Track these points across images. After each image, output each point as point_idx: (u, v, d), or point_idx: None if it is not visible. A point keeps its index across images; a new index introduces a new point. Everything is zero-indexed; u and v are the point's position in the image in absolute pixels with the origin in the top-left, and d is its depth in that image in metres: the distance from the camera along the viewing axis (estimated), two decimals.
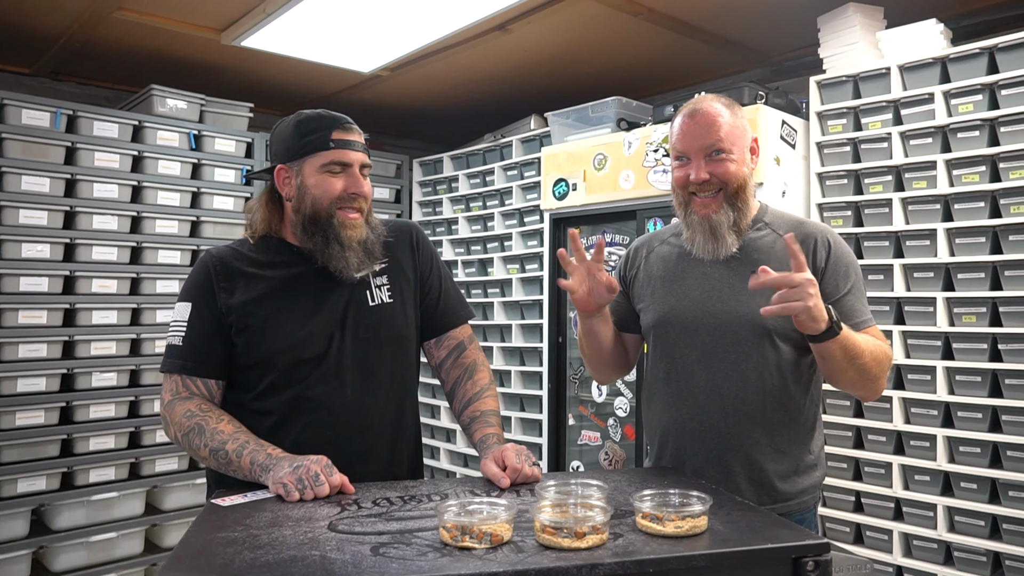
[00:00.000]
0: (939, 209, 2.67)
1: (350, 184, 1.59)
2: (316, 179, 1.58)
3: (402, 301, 1.69)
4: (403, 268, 1.72)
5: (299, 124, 1.60)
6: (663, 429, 1.75)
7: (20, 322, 3.14)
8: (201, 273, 1.61)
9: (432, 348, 1.79)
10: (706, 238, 1.66)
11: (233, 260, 1.62)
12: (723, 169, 1.63)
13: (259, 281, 1.60)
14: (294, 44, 3.44)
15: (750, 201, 1.69)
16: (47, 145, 3.25)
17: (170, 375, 1.58)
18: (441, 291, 1.77)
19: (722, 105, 1.66)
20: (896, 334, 2.71)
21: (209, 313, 1.58)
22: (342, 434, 1.58)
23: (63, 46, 3.55)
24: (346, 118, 1.63)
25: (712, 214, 1.64)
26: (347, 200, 1.59)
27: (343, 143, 1.58)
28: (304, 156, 1.58)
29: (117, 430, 3.38)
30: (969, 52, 2.61)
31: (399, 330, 1.68)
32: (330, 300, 1.62)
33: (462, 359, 1.76)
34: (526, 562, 1.01)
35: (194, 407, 1.53)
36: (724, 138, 1.63)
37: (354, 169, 1.60)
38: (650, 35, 3.42)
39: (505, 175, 4.19)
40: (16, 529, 3.08)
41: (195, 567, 1.01)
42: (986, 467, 2.50)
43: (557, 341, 3.69)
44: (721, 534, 1.14)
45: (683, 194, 1.69)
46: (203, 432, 1.49)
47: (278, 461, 1.41)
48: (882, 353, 1.58)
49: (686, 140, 1.66)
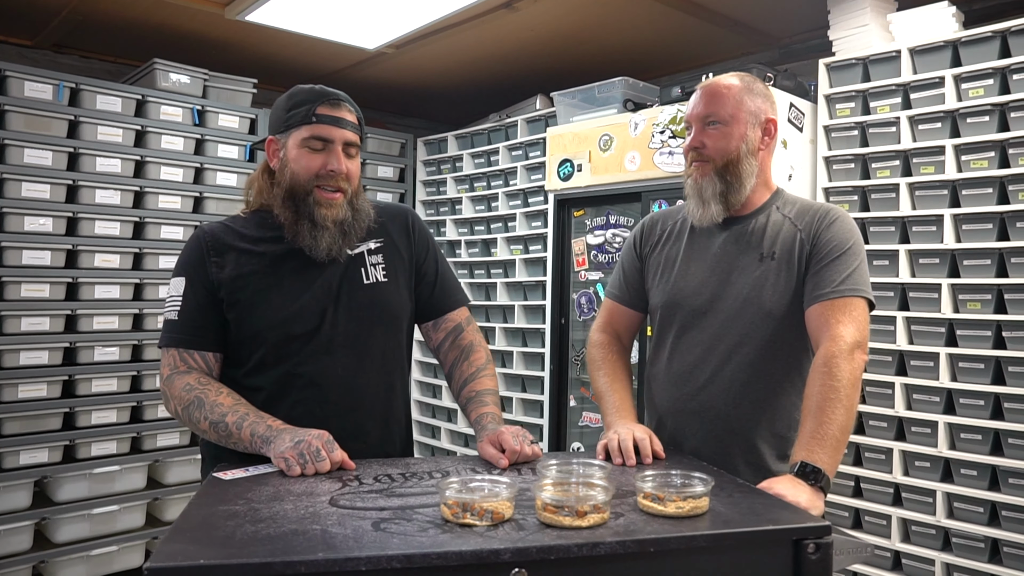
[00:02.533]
0: (946, 195, 2.65)
1: (329, 161, 1.55)
2: (296, 153, 1.56)
3: (396, 280, 1.68)
4: (398, 249, 1.70)
5: (290, 96, 1.59)
6: (662, 409, 1.74)
7: (23, 295, 3.14)
8: (193, 248, 1.61)
9: (430, 330, 1.78)
10: (696, 203, 1.69)
11: (224, 235, 1.61)
12: (716, 139, 1.65)
13: (250, 256, 1.59)
14: (299, 19, 3.41)
15: (744, 179, 1.66)
16: (49, 118, 3.23)
17: (167, 350, 1.58)
18: (437, 275, 1.76)
19: (737, 79, 1.67)
20: (900, 319, 2.70)
21: (202, 287, 1.57)
22: (332, 411, 1.58)
23: (66, 18, 3.52)
24: (338, 93, 1.59)
25: (700, 177, 1.67)
26: (325, 178, 1.55)
27: (327, 118, 1.55)
28: (289, 129, 1.57)
29: (119, 404, 3.39)
30: (981, 35, 2.58)
31: (392, 309, 1.67)
32: (323, 276, 1.60)
33: (459, 340, 1.75)
34: (527, 540, 1.01)
35: (193, 380, 1.53)
36: (721, 109, 1.64)
37: (335, 146, 1.56)
38: (658, 15, 3.38)
39: (510, 155, 4.17)
40: (19, 500, 3.10)
41: (196, 539, 1.01)
42: (987, 454, 2.50)
43: (559, 322, 3.68)
44: (722, 515, 1.14)
45: (687, 163, 1.72)
46: (203, 405, 1.49)
47: (279, 433, 1.40)
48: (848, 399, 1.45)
49: (691, 109, 1.70)
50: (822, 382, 1.47)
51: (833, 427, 1.42)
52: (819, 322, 1.55)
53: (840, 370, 1.46)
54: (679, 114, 3.11)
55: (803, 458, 1.40)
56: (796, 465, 1.39)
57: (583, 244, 3.62)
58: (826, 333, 1.52)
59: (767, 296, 1.62)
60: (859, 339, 1.51)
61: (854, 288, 1.55)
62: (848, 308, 1.53)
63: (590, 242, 3.59)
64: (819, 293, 1.56)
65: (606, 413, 1.71)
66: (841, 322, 1.52)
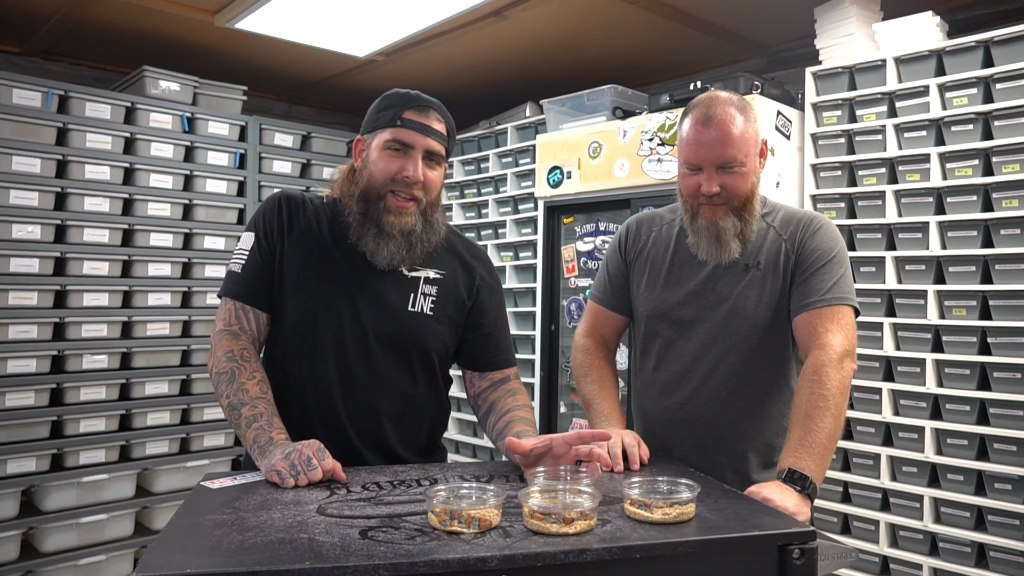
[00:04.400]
0: (932, 202, 2.67)
1: (406, 167, 1.51)
2: (377, 155, 1.53)
3: (441, 318, 1.62)
4: (458, 289, 1.64)
5: (383, 98, 1.57)
6: (650, 417, 1.75)
7: (10, 303, 3.13)
8: (270, 208, 1.58)
9: (474, 378, 1.72)
10: (711, 243, 1.64)
11: (301, 204, 1.59)
12: (733, 182, 1.59)
13: (311, 238, 1.56)
14: (289, 27, 3.41)
15: (756, 210, 1.65)
16: (38, 125, 3.22)
17: (226, 300, 1.56)
18: (495, 328, 1.71)
19: (736, 109, 1.59)
20: (887, 326, 2.72)
21: (267, 246, 1.56)
22: (337, 421, 1.55)
23: (55, 25, 3.52)
24: (429, 101, 1.56)
25: (719, 220, 1.62)
26: (400, 184, 1.51)
27: (412, 124, 1.52)
28: (376, 130, 1.54)
29: (108, 412, 3.37)
30: (965, 45, 2.61)
31: (426, 345, 1.60)
32: (369, 288, 1.56)
33: (507, 385, 1.70)
34: (514, 547, 1.01)
35: (236, 350, 1.50)
36: (738, 152, 1.57)
37: (416, 152, 1.52)
38: (646, 23, 3.40)
39: (500, 162, 4.18)
40: (6, 510, 3.08)
41: (183, 548, 1.01)
42: (973, 459, 2.52)
43: (550, 329, 3.69)
44: (708, 521, 1.15)
45: (692, 203, 1.65)
46: (232, 381, 1.46)
47: (274, 449, 1.37)
48: (836, 407, 1.46)
49: (699, 152, 1.59)
50: (811, 390, 1.48)
51: (821, 435, 1.43)
52: (807, 331, 1.56)
53: (829, 379, 1.47)
54: (667, 121, 3.13)
55: (791, 464, 1.41)
56: (784, 471, 1.40)
57: (573, 251, 3.64)
58: (815, 342, 1.53)
59: (752, 305, 1.63)
60: (848, 347, 1.53)
61: (840, 296, 1.57)
62: (836, 316, 1.55)
63: (580, 249, 3.61)
64: (806, 302, 1.57)
65: (594, 420, 1.71)
66: (830, 331, 1.53)
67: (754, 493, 1.33)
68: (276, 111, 4.84)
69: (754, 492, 1.33)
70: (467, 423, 4.26)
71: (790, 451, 1.44)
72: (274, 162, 3.99)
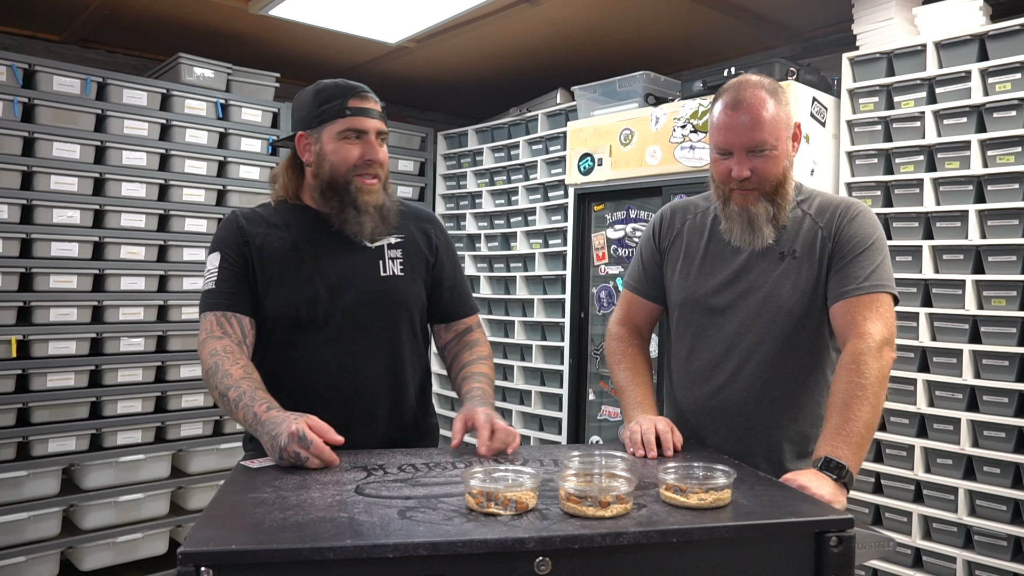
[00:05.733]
0: (971, 190, 2.62)
1: (366, 151, 1.64)
2: (334, 146, 1.63)
3: (412, 277, 1.73)
4: (419, 247, 1.76)
5: (317, 93, 1.65)
6: (683, 406, 1.74)
7: (51, 286, 3.20)
8: (227, 226, 1.68)
9: (441, 331, 1.85)
10: (743, 228, 1.62)
11: (254, 217, 1.69)
12: (764, 166, 1.57)
13: (275, 241, 1.65)
14: (321, 14, 3.43)
15: (789, 194, 1.63)
16: (77, 112, 3.28)
17: (205, 315, 1.62)
18: (456, 281, 1.83)
19: (766, 92, 1.56)
20: (923, 316, 2.68)
21: (237, 258, 1.63)
22: (337, 397, 1.63)
23: (92, 14, 3.57)
24: (362, 86, 1.67)
25: (751, 206, 1.60)
26: (364, 167, 1.64)
27: (359, 111, 1.63)
28: (322, 124, 1.63)
29: (144, 394, 3.44)
30: (1009, 29, 2.55)
31: (405, 300, 1.72)
32: (340, 264, 1.66)
33: (467, 337, 1.83)
34: (551, 529, 1.02)
35: (219, 347, 1.55)
36: (769, 135, 1.55)
37: (370, 136, 1.64)
38: (679, 9, 3.37)
39: (530, 149, 4.17)
40: (48, 487, 3.16)
41: (227, 525, 1.04)
42: (1010, 452, 2.48)
43: (579, 316, 3.69)
44: (744, 507, 1.15)
45: (724, 188, 1.63)
46: (217, 372, 1.52)
47: (261, 431, 1.39)
48: (875, 396, 1.45)
49: (729, 136, 1.57)
50: (849, 379, 1.46)
51: (858, 424, 1.42)
52: (845, 319, 1.54)
53: (868, 367, 1.46)
54: (700, 108, 3.10)
55: (827, 453, 1.40)
56: (820, 460, 1.39)
57: (603, 238, 3.63)
58: (853, 330, 1.51)
59: (787, 294, 1.61)
60: (887, 336, 1.51)
61: (879, 284, 1.54)
62: (874, 304, 1.53)
63: (610, 236, 3.59)
64: (844, 290, 1.55)
65: (627, 408, 1.71)
66: (868, 319, 1.51)
67: (790, 480, 1.32)
68: None
69: (790, 479, 1.33)
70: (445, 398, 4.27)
71: (827, 439, 1.43)
72: None
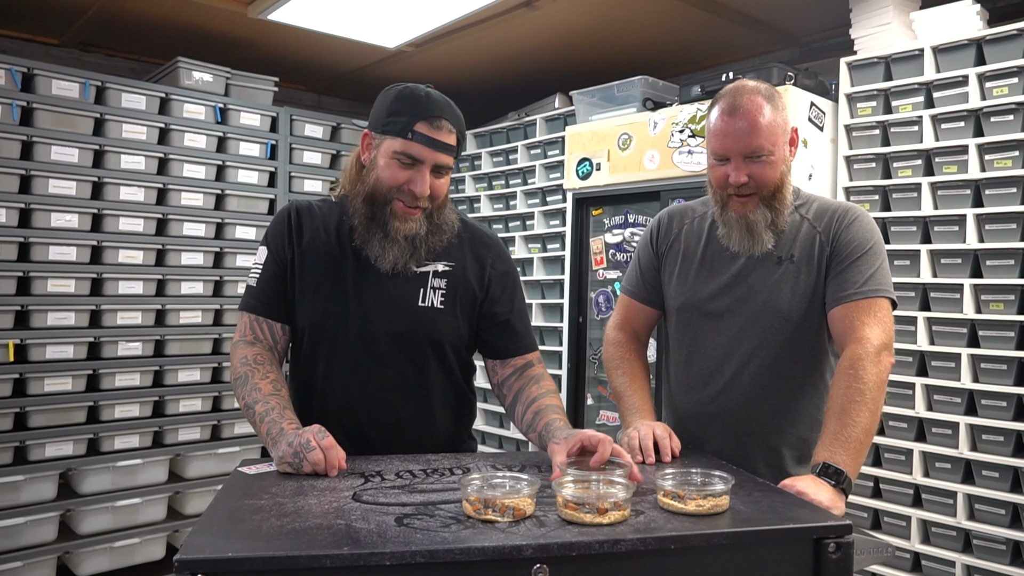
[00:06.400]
0: (969, 194, 2.63)
1: (414, 182, 1.50)
2: (385, 161, 1.52)
3: (453, 311, 1.61)
4: (467, 278, 1.63)
5: (395, 99, 1.54)
6: (681, 411, 1.74)
7: (49, 290, 3.19)
8: (279, 221, 1.62)
9: (496, 366, 1.71)
10: (742, 235, 1.62)
11: (309, 214, 1.62)
12: (762, 172, 1.56)
13: (319, 247, 1.58)
14: (320, 18, 3.43)
15: (787, 199, 1.62)
16: (76, 116, 3.28)
17: (242, 314, 1.60)
18: (511, 315, 1.68)
19: (763, 98, 1.56)
20: (921, 320, 2.68)
21: (280, 259, 1.59)
22: (355, 425, 1.57)
23: (91, 17, 3.57)
24: (440, 108, 1.52)
25: (749, 213, 1.60)
26: (407, 195, 1.52)
27: (423, 138, 1.49)
28: (385, 134, 1.52)
29: (142, 398, 3.44)
30: (1006, 33, 2.55)
31: (439, 339, 1.60)
32: (377, 286, 1.57)
33: (529, 372, 1.67)
34: (548, 536, 1.02)
35: (250, 355, 1.53)
36: (765, 141, 1.54)
37: (424, 168, 1.50)
38: (678, 13, 3.37)
39: (528, 154, 4.18)
40: (45, 492, 3.15)
41: (224, 532, 1.03)
42: (1009, 456, 2.48)
43: (577, 321, 3.69)
44: (742, 513, 1.14)
45: (721, 194, 1.63)
46: (246, 384, 1.50)
47: (280, 439, 1.38)
48: (873, 402, 1.45)
49: (726, 142, 1.57)
50: (847, 384, 1.46)
51: (857, 429, 1.42)
52: (844, 324, 1.54)
53: (866, 372, 1.46)
54: (698, 113, 3.10)
55: (825, 459, 1.39)
56: (818, 465, 1.39)
57: (601, 243, 3.63)
58: (852, 335, 1.51)
59: (786, 299, 1.61)
60: (885, 341, 1.50)
61: (877, 289, 1.54)
62: (872, 309, 1.52)
63: (608, 241, 3.59)
64: (842, 295, 1.55)
65: (625, 413, 1.71)
66: (867, 324, 1.51)
67: (788, 486, 1.32)
68: (306, 102, 4.88)
69: (788, 485, 1.33)
70: (493, 414, 4.27)
71: (825, 445, 1.43)
72: (304, 153, 4.02)
